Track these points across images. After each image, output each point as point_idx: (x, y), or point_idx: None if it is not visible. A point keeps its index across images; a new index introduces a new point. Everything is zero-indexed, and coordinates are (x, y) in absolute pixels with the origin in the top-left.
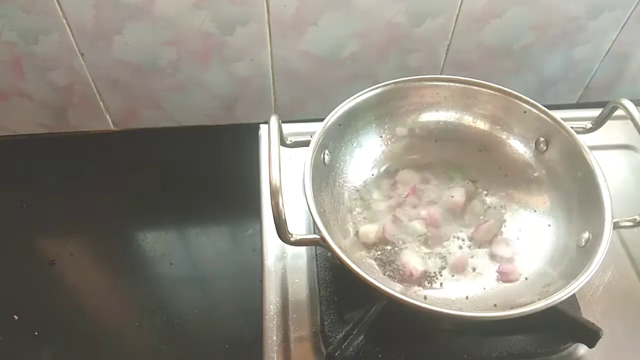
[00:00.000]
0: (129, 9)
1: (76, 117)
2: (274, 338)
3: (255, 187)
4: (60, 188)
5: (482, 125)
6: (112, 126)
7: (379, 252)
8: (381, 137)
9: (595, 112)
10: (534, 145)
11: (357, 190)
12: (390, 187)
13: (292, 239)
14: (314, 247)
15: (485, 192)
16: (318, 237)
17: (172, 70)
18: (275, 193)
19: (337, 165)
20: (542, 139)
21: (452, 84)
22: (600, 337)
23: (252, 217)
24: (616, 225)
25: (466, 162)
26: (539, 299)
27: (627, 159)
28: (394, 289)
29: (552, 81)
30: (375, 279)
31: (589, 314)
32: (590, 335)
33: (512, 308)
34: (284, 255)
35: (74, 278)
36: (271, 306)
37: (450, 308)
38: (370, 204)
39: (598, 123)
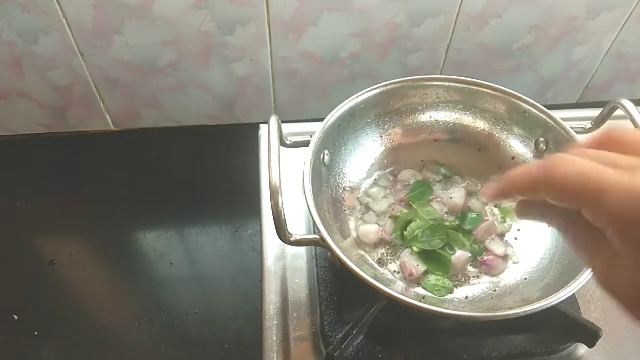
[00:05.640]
0: (129, 9)
1: (76, 117)
2: (274, 338)
3: (255, 187)
4: (60, 188)
5: (482, 125)
6: (112, 126)
7: (379, 252)
8: (381, 137)
9: (595, 112)
10: (534, 145)
11: (357, 191)
12: (390, 187)
13: (292, 239)
14: (314, 247)
15: None
16: (318, 237)
17: (172, 70)
18: (275, 193)
19: (337, 166)
20: (542, 139)
21: (452, 84)
22: (600, 337)
23: (252, 217)
24: None
25: (466, 162)
26: (539, 299)
27: None
28: (394, 289)
29: (552, 81)
30: (375, 279)
31: (589, 314)
32: (590, 335)
33: (512, 308)
34: (284, 255)
35: (74, 278)
36: (271, 306)
37: (450, 308)
38: (370, 204)
39: (598, 123)
